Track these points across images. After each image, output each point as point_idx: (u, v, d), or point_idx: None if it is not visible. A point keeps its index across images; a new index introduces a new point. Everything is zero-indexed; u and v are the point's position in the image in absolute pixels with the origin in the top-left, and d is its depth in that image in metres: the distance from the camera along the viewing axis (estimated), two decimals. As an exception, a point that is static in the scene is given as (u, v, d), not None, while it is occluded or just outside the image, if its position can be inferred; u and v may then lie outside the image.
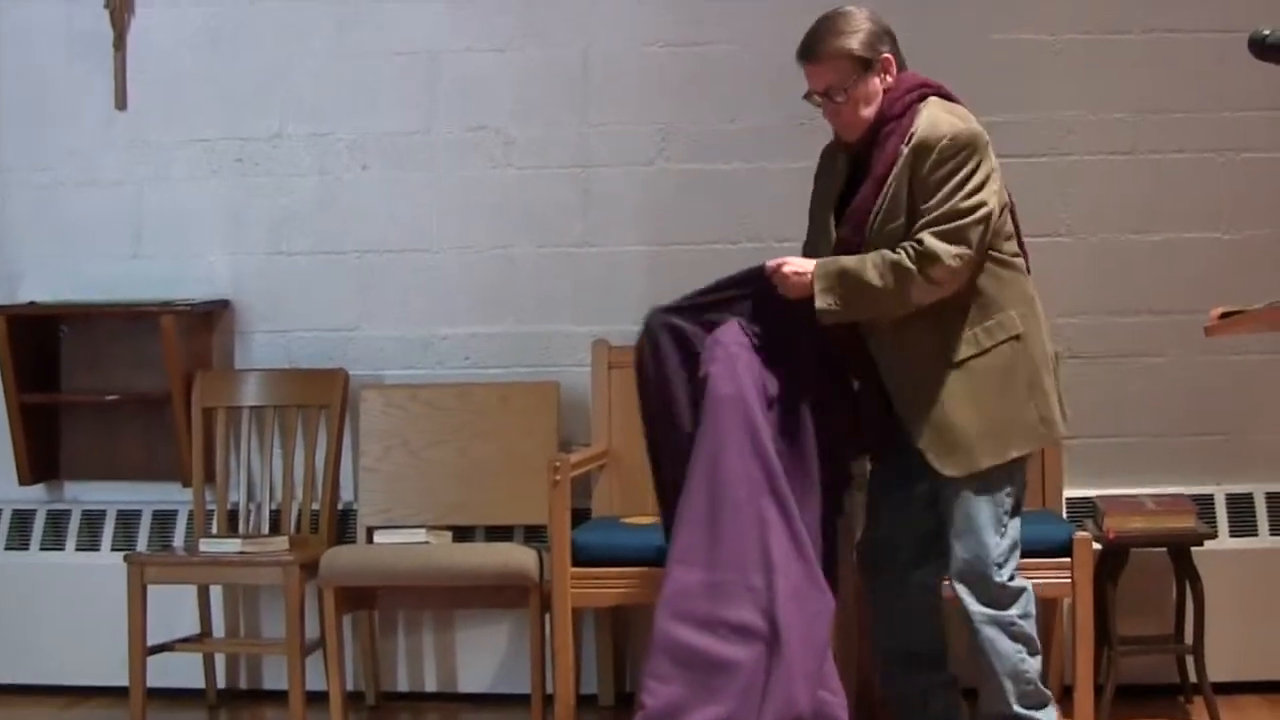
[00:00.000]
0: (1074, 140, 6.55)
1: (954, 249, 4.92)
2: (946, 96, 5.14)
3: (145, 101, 7.03)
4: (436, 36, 6.89)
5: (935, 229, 4.93)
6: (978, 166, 4.98)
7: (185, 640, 6.71)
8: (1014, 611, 5.09)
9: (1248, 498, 6.59)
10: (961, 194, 4.96)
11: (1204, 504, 6.49)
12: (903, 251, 4.94)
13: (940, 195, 4.96)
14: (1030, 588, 5.15)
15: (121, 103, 7.05)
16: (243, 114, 6.97)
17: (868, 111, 5.10)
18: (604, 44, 6.82)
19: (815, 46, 5.12)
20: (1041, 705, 5.13)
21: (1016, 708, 5.09)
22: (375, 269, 6.93)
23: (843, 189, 5.21)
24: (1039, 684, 5.12)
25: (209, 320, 6.97)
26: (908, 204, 5.01)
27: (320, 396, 6.79)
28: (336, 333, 6.93)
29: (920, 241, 4.93)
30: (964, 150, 4.97)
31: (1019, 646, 5.09)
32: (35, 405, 6.96)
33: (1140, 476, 6.53)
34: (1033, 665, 5.11)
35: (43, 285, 7.09)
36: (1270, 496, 6.59)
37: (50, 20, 7.08)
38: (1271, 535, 6.56)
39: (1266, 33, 4.31)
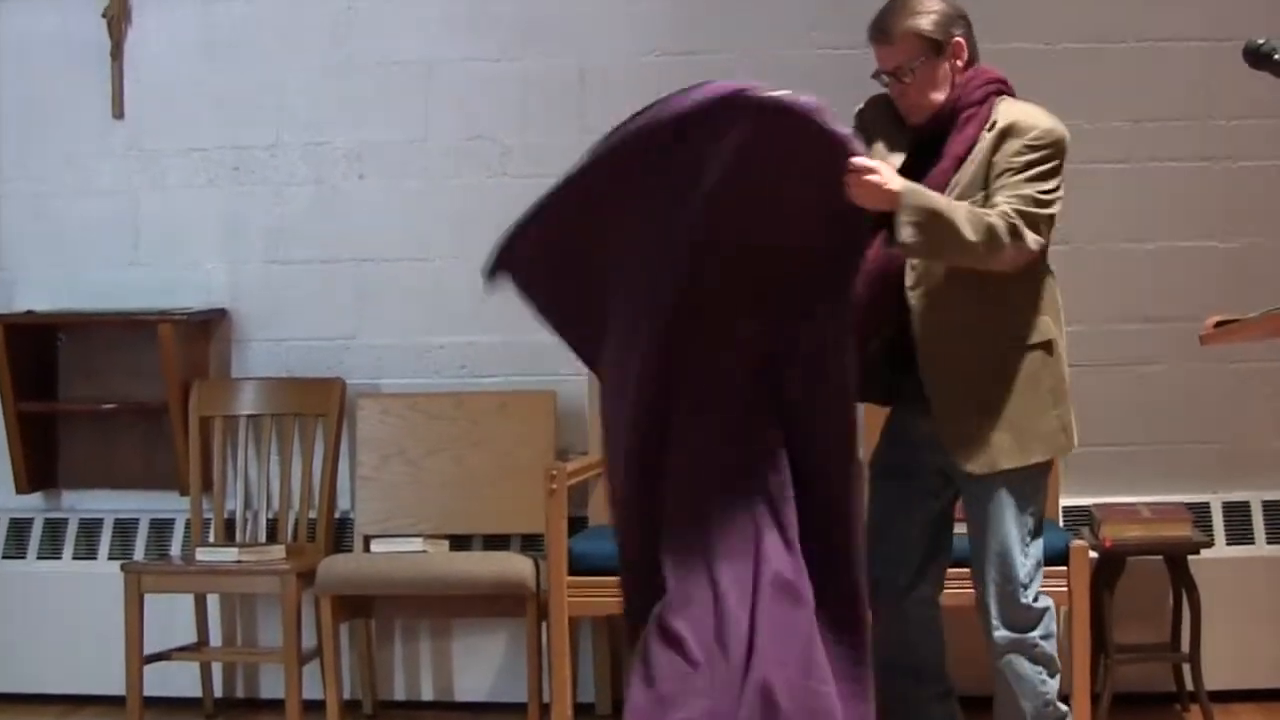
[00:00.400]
0: (1069, 149, 6.55)
1: (1032, 234, 4.88)
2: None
3: (142, 110, 7.04)
4: (433, 46, 6.90)
5: (1020, 209, 4.87)
6: (1059, 167, 4.95)
7: (182, 649, 6.72)
8: (1037, 633, 5.06)
9: (1244, 506, 6.60)
10: (1047, 185, 4.91)
11: (1200, 512, 6.50)
12: (997, 217, 4.81)
13: (1027, 177, 4.90)
14: (1052, 607, 5.08)
15: (119, 111, 7.05)
16: (240, 123, 6.98)
17: (937, 95, 4.97)
18: (600, 53, 6.83)
19: (886, 25, 4.98)
20: None
21: None
22: (372, 278, 6.94)
23: (909, 164, 5.10)
24: (1057, 704, 5.11)
25: (206, 329, 6.98)
26: (983, 186, 4.95)
27: (317, 405, 6.80)
28: (333, 341, 6.94)
29: (1010, 215, 4.81)
30: (1053, 146, 4.92)
31: (1039, 668, 5.07)
32: (33, 414, 6.96)
33: (1137, 485, 6.54)
34: (1052, 686, 5.08)
35: (40, 294, 7.09)
36: (1267, 505, 6.60)
37: (48, 29, 7.09)
38: (1268, 544, 6.57)
39: (1261, 42, 4.31)
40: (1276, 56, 4.30)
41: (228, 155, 6.99)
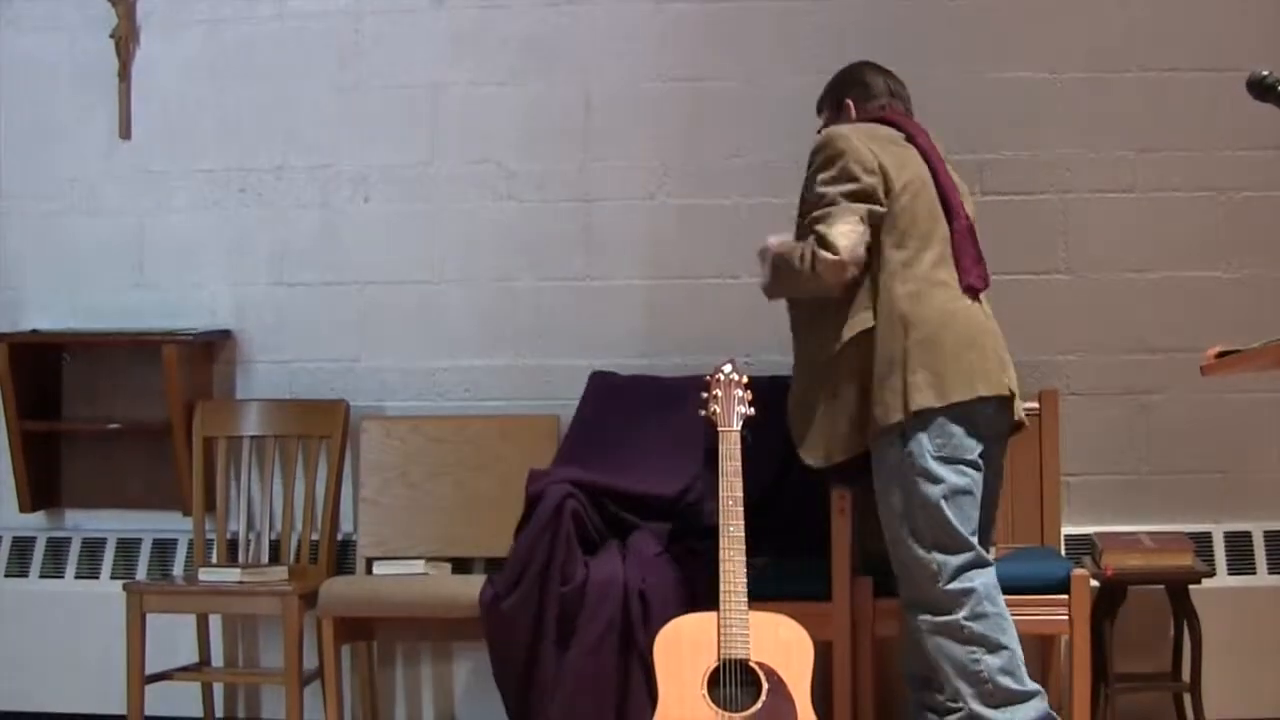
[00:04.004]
0: (1073, 178, 6.57)
1: (837, 229, 5.32)
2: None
3: (149, 132, 7.06)
4: (439, 70, 6.92)
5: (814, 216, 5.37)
6: (829, 161, 5.41)
7: (184, 669, 6.72)
8: (960, 614, 5.16)
9: (1246, 536, 6.59)
10: (824, 188, 5.41)
11: (1202, 542, 6.50)
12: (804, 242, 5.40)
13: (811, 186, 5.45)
14: (979, 587, 5.23)
15: (125, 133, 7.07)
16: (246, 145, 7.00)
17: None
18: (605, 79, 6.85)
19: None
20: (1009, 703, 5.16)
21: (975, 706, 5.17)
22: (376, 300, 6.95)
23: None
24: (998, 681, 5.17)
25: (210, 350, 6.99)
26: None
27: (321, 427, 6.81)
28: (337, 364, 6.95)
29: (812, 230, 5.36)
30: (821, 149, 5.45)
31: (971, 648, 5.14)
32: (36, 433, 6.97)
33: (1138, 514, 6.54)
34: (992, 663, 5.15)
35: (45, 313, 7.11)
36: (1269, 535, 6.59)
37: (55, 50, 7.11)
38: (1270, 574, 6.56)
39: (1265, 74, 4.33)
40: (1280, 88, 4.32)
41: (234, 177, 7.01)
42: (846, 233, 5.23)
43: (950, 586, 5.20)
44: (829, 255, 5.22)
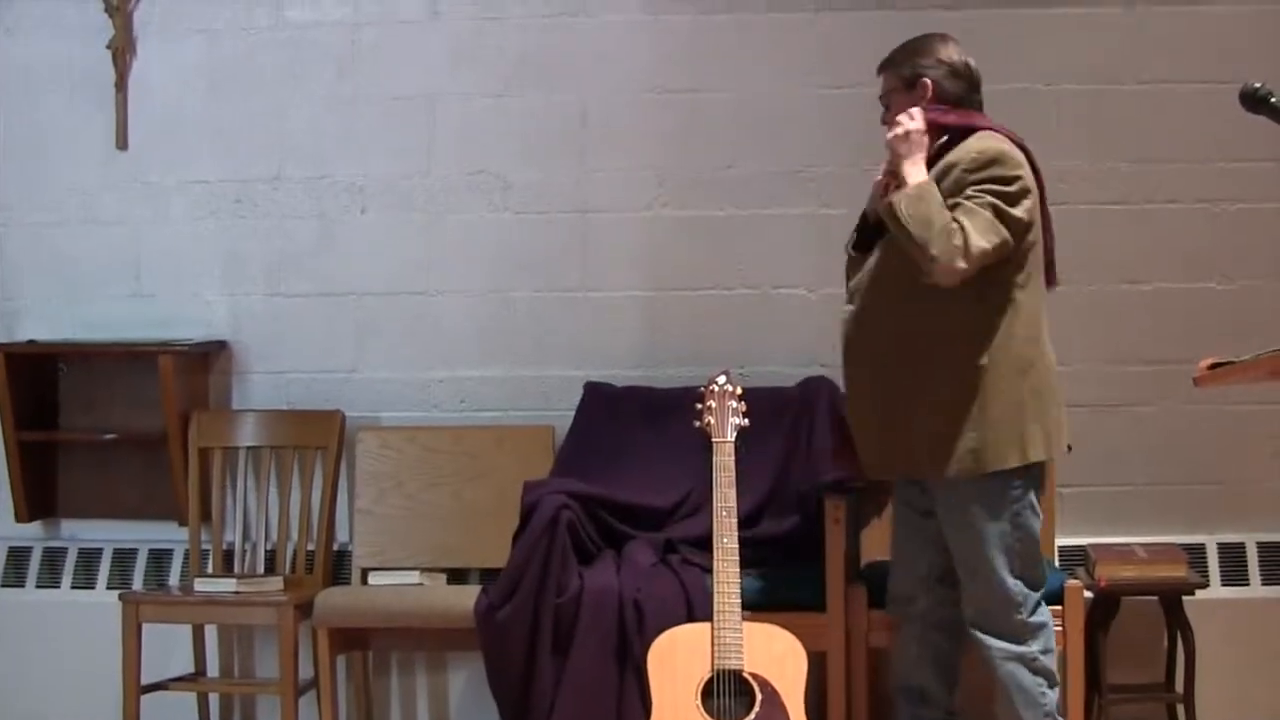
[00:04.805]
0: (1068, 189, 6.57)
1: (978, 237, 5.06)
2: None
3: (146, 142, 7.06)
4: (435, 81, 6.92)
5: (963, 218, 5.07)
6: (999, 177, 5.15)
7: (179, 679, 6.72)
8: (1035, 647, 5.19)
9: (1239, 547, 6.61)
10: (987, 198, 5.13)
11: (1195, 553, 6.52)
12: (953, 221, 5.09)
13: (967, 194, 5.13)
14: (1050, 622, 5.29)
15: (122, 143, 7.07)
16: (242, 156, 7.00)
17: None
18: (602, 90, 6.86)
19: (884, 59, 5.48)
20: None
21: None
22: (373, 311, 6.96)
23: None
24: (1056, 717, 5.22)
25: (206, 360, 7.00)
26: None
27: (317, 438, 6.82)
28: (333, 374, 6.96)
29: (957, 218, 5.07)
30: (988, 163, 5.15)
31: (1039, 679, 5.18)
32: (33, 443, 6.97)
33: (1132, 525, 6.56)
34: (1052, 698, 5.21)
35: (42, 324, 7.11)
36: (1262, 546, 6.61)
37: (52, 61, 7.11)
38: (1263, 585, 6.58)
39: (1257, 86, 4.36)
40: (1273, 100, 4.34)
41: (230, 188, 7.01)
42: (984, 249, 5.04)
43: (1031, 619, 5.23)
44: (959, 260, 5.02)
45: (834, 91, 6.67)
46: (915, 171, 5.13)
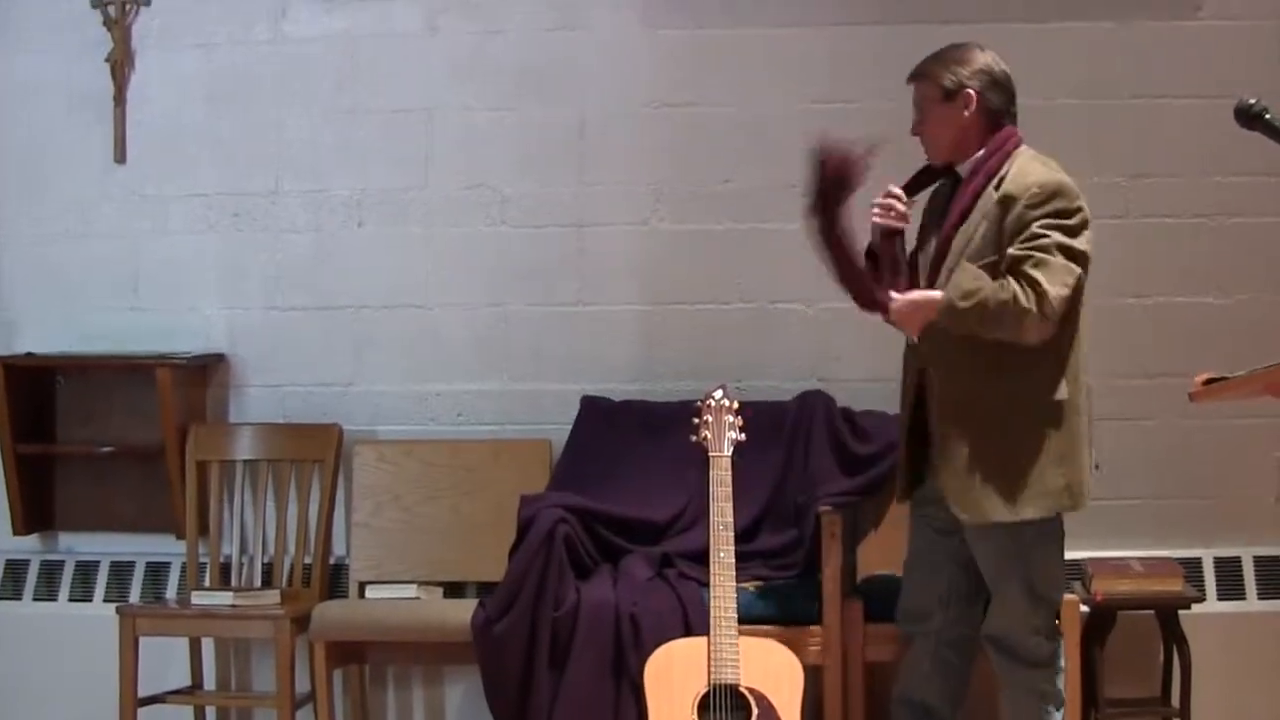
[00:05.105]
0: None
1: (1054, 288, 5.00)
2: None
3: (144, 155, 7.07)
4: (433, 95, 6.93)
5: (1030, 270, 5.02)
6: (1064, 210, 5.10)
7: (176, 692, 6.71)
8: (1049, 670, 5.22)
9: (1236, 561, 6.61)
10: (1054, 236, 5.07)
11: (1192, 567, 6.52)
12: (1015, 285, 5.02)
13: (1033, 233, 5.07)
14: (1061, 645, 5.31)
15: (120, 156, 7.08)
16: (240, 169, 7.01)
17: (943, 133, 5.31)
18: (599, 104, 6.86)
19: (917, 66, 5.37)
20: None
21: None
22: (370, 325, 6.96)
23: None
24: None
25: (204, 373, 7.00)
26: (996, 249, 5.12)
27: (314, 451, 6.82)
28: (331, 387, 6.96)
29: (1026, 274, 5.02)
30: (1051, 196, 5.10)
31: (1048, 706, 5.22)
32: (31, 455, 6.97)
33: (1129, 539, 6.55)
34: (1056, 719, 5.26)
35: (40, 336, 7.11)
36: (1258, 560, 6.61)
37: (51, 74, 7.12)
38: (1260, 599, 6.58)
39: (1251, 102, 4.36)
40: (1267, 116, 4.35)
41: (228, 201, 7.02)
42: (1064, 297, 5.00)
43: (1049, 642, 5.26)
44: (1045, 322, 4.99)
45: (833, 106, 6.67)
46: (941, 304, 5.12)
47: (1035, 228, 5.04)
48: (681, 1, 6.84)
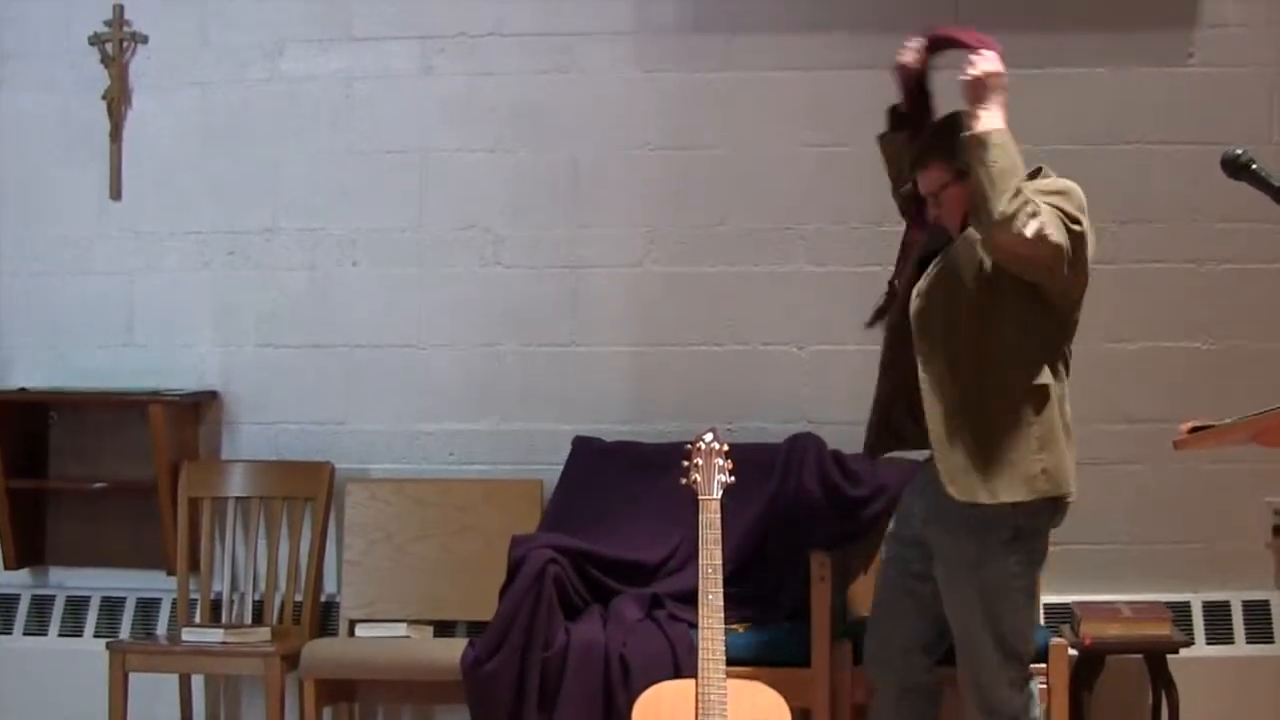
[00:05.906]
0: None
1: (1051, 227, 4.91)
2: None
3: (139, 193, 7.09)
4: (428, 136, 6.95)
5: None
6: (1072, 203, 5.07)
7: (166, 728, 6.73)
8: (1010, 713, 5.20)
9: (1224, 606, 6.62)
10: (1061, 204, 5.02)
11: (1180, 611, 6.52)
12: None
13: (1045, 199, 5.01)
14: (1035, 690, 5.25)
15: (116, 193, 7.10)
16: (235, 207, 7.03)
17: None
18: (593, 146, 6.89)
19: (918, 156, 5.27)
20: None
21: None
22: (363, 363, 6.98)
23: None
24: None
25: (197, 411, 7.02)
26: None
27: (305, 489, 6.83)
28: (323, 426, 6.97)
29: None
30: (1063, 191, 5.08)
31: None
32: (23, 491, 6.98)
33: (1117, 583, 6.56)
34: None
35: (34, 372, 7.13)
36: (1247, 605, 6.62)
37: (48, 110, 7.14)
38: (1248, 644, 6.59)
39: (1239, 153, 4.38)
40: (1254, 167, 4.37)
41: (223, 239, 7.04)
42: (1047, 236, 4.86)
43: (1022, 692, 5.20)
44: (1026, 227, 4.83)
45: (825, 149, 6.71)
46: (995, 122, 4.97)
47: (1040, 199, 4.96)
48: (674, 45, 6.87)
